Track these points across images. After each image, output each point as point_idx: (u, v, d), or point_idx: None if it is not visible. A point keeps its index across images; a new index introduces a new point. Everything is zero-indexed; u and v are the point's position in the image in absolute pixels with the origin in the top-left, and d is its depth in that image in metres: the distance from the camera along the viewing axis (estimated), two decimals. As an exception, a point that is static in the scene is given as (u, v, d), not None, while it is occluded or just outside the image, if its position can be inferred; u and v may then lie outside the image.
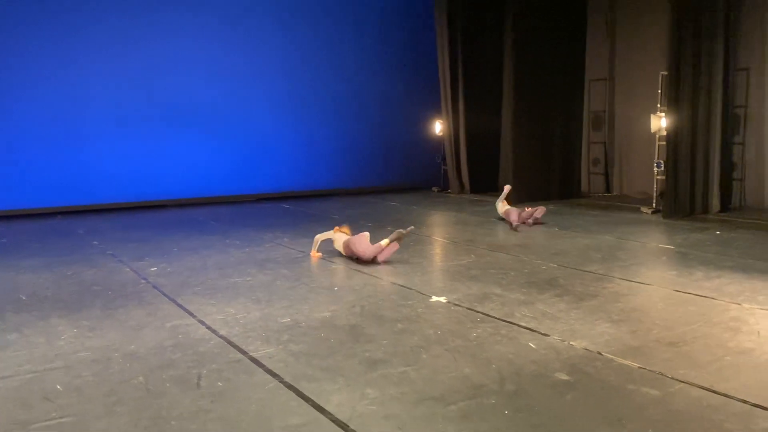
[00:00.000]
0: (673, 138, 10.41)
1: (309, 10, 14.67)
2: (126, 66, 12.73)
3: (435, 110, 15.29)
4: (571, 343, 4.59)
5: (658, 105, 11.03)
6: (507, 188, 10.58)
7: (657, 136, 11.11)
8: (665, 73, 10.73)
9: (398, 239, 7.33)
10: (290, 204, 13.47)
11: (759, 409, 3.46)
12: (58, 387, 3.95)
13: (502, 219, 10.10)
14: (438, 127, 15.25)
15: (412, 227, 7.80)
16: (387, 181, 15.83)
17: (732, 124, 11.31)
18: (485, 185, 14.69)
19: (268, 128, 14.45)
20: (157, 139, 13.22)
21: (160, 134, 13.25)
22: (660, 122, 10.85)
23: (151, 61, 12.95)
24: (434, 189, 15.52)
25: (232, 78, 13.89)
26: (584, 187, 14.25)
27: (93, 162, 12.63)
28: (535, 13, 12.58)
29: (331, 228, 7.98)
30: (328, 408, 3.60)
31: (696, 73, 10.36)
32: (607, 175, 14.39)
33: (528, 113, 12.74)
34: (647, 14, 12.68)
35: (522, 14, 12.56)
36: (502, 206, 10.21)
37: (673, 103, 10.36)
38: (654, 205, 11.15)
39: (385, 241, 7.30)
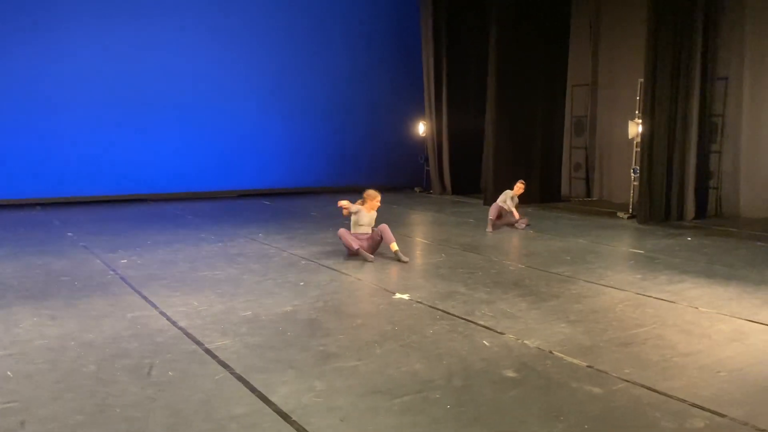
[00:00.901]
0: (648, 144, 10.51)
1: (297, 9, 14.71)
2: (108, 58, 12.73)
3: (419, 111, 15.36)
4: (525, 341, 4.64)
5: (636, 111, 11.13)
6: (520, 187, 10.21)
7: (635, 142, 11.21)
8: (643, 80, 10.82)
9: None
10: (271, 201, 13.49)
11: (696, 408, 3.53)
12: (9, 373, 3.97)
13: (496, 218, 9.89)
14: (421, 128, 15.32)
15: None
16: (370, 181, 15.80)
17: (709, 132, 11.42)
18: (467, 187, 14.80)
19: (252, 125, 14.48)
20: (140, 133, 13.22)
21: (143, 129, 13.26)
22: (637, 128, 10.94)
23: (135, 54, 12.96)
24: (416, 189, 15.59)
25: (217, 73, 13.91)
26: (565, 191, 14.34)
27: (74, 155, 12.63)
28: (519, 18, 12.68)
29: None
30: (273, 399, 3.63)
31: (673, 80, 10.47)
32: (588, 180, 14.48)
33: (510, 117, 12.82)
34: (631, 21, 12.77)
35: (506, 19, 12.65)
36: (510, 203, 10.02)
37: (649, 109, 10.46)
38: (630, 210, 11.24)
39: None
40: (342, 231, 7.57)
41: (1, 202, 11.98)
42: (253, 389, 3.77)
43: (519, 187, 10.15)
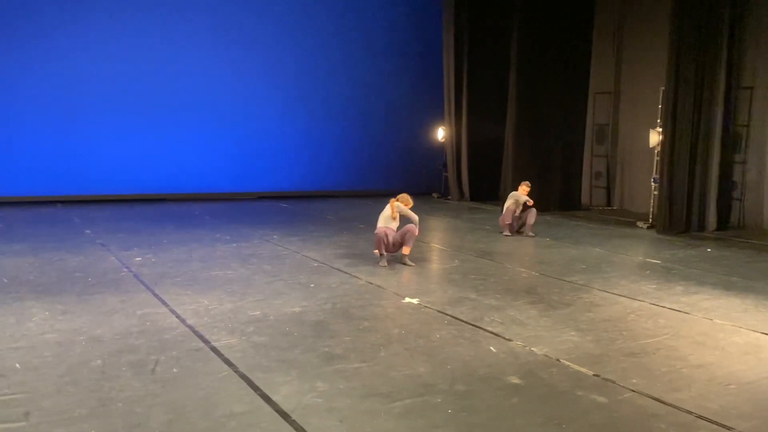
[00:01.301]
0: (669, 153, 10.36)
1: (317, 13, 14.80)
2: (130, 59, 12.91)
3: (438, 116, 15.33)
4: (532, 349, 4.59)
5: (658, 120, 10.98)
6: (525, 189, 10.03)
7: (656, 151, 11.05)
8: (665, 88, 10.68)
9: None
10: (289, 203, 13.55)
11: (702, 421, 3.45)
12: (17, 365, 4.03)
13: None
14: (441, 134, 15.28)
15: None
16: (388, 185, 15.83)
17: (733, 142, 11.23)
18: (485, 193, 14.71)
19: (273, 128, 14.58)
20: (161, 133, 13.39)
21: (164, 129, 13.42)
22: (659, 137, 10.79)
23: (156, 56, 13.13)
24: (434, 195, 15.55)
25: (237, 76, 14.04)
26: (585, 199, 14.19)
27: (96, 153, 12.83)
28: (541, 24, 12.59)
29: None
30: (274, 398, 3.63)
31: (696, 89, 10.30)
32: (608, 189, 14.32)
33: (530, 124, 12.73)
34: (654, 29, 12.62)
35: (528, 25, 12.58)
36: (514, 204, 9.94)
37: (670, 118, 10.31)
38: (650, 219, 11.08)
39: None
40: (378, 231, 7.34)
41: (24, 199, 12.20)
42: (255, 388, 3.77)
43: (524, 189, 9.96)
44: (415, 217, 7.44)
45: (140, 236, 8.90)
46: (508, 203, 9.99)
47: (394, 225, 7.47)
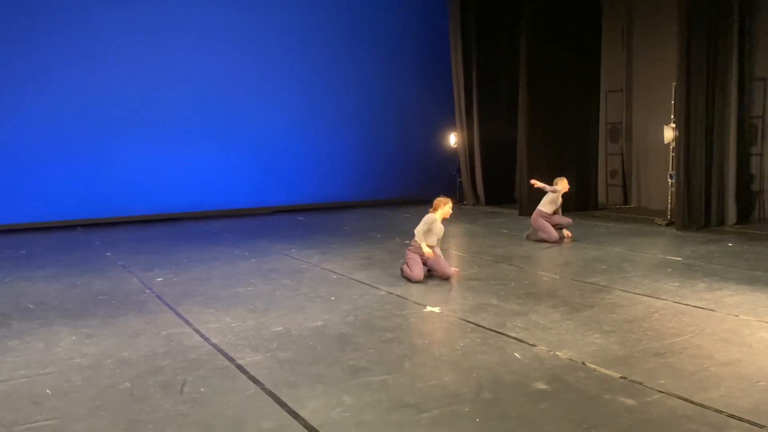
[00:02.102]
0: (685, 149, 10.29)
1: (326, 23, 14.90)
2: (143, 81, 13.05)
3: (450, 122, 15.35)
4: (557, 353, 4.57)
5: (671, 116, 10.91)
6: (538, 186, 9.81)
7: (670, 147, 10.98)
8: (677, 83, 10.62)
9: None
10: (305, 216, 13.62)
11: (734, 420, 3.42)
12: (48, 391, 4.08)
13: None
14: (453, 139, 15.30)
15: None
16: (403, 194, 15.90)
17: (749, 134, 11.13)
18: (500, 197, 14.71)
19: (285, 141, 14.66)
20: (175, 152, 13.51)
21: (178, 148, 13.54)
22: (673, 133, 10.72)
23: (167, 75, 13.26)
24: (450, 201, 15.52)
25: (248, 91, 14.15)
26: (602, 198, 14.10)
27: (112, 175, 12.96)
28: (549, 24, 12.58)
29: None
30: (302, 414, 3.65)
31: (709, 83, 10.25)
32: (624, 187, 14.22)
33: (543, 125, 12.70)
34: (663, 24, 12.56)
35: (536, 26, 12.57)
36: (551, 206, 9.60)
37: (684, 113, 10.25)
38: (668, 216, 11.00)
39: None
40: (411, 258, 7.10)
41: (45, 225, 12.35)
42: (282, 404, 3.80)
43: (563, 185, 9.63)
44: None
45: (160, 256, 8.99)
46: (546, 211, 9.51)
47: (433, 241, 7.21)
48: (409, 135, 15.80)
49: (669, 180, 11.10)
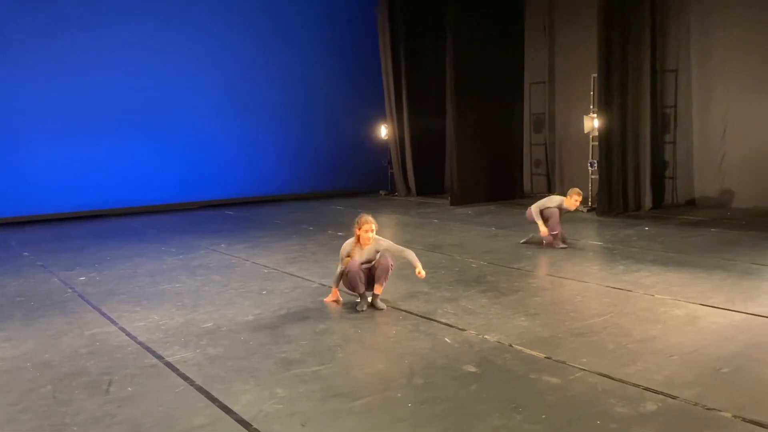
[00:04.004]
0: (604, 138, 10.73)
1: (253, 15, 14.64)
2: (63, 71, 12.48)
3: (381, 114, 15.41)
4: (486, 336, 4.70)
5: (591, 106, 11.35)
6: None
7: (590, 136, 11.42)
8: (596, 75, 11.05)
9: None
10: (234, 211, 13.39)
11: (649, 392, 3.62)
12: (-38, 398, 3.88)
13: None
14: (384, 131, 15.38)
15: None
16: (335, 186, 15.88)
17: (662, 124, 11.71)
18: (431, 188, 14.92)
19: (212, 135, 14.35)
20: (95, 147, 12.99)
21: (99, 142, 13.02)
22: (593, 123, 11.16)
23: (87, 66, 12.73)
24: (382, 192, 15.64)
25: (173, 85, 13.75)
26: (527, 187, 14.53)
27: (28, 172, 12.34)
28: (474, 17, 12.81)
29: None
30: (234, 408, 3.62)
31: (624, 75, 10.72)
32: (548, 176, 14.69)
33: (471, 116, 12.95)
34: (584, 17, 12.99)
35: (462, 18, 12.77)
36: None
37: (603, 104, 10.68)
38: (590, 203, 11.44)
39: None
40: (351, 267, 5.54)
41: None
42: (214, 400, 3.75)
43: (576, 200, 8.23)
44: (410, 253, 5.77)
45: (82, 255, 8.65)
46: (551, 206, 8.18)
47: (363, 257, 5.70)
48: (340, 127, 15.77)
49: (589, 168, 11.55)
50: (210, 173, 14.31)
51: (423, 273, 5.59)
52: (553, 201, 8.34)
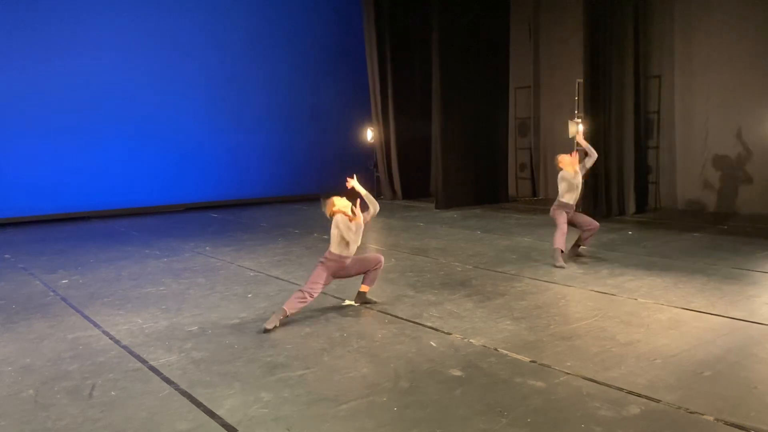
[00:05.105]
0: (588, 143, 10.77)
1: (239, 18, 14.60)
2: (44, 71, 12.35)
3: (367, 117, 15.42)
4: (471, 340, 4.71)
5: (575, 111, 11.44)
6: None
7: (575, 141, 11.49)
8: (581, 80, 11.14)
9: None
10: (219, 213, 13.33)
11: (633, 396, 3.65)
12: (-59, 403, 3.82)
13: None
14: (370, 135, 15.39)
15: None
16: (320, 189, 15.82)
17: (645, 129, 11.83)
18: (417, 191, 14.96)
19: (197, 136, 14.28)
20: (80, 148, 12.88)
21: (83, 143, 12.91)
22: (577, 127, 11.22)
23: (72, 67, 12.61)
24: (367, 196, 15.62)
25: (158, 87, 13.67)
26: (512, 191, 14.60)
27: (9, 172, 12.20)
28: (460, 24, 12.87)
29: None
30: (219, 412, 3.60)
31: (608, 80, 10.81)
32: (533, 180, 14.79)
33: (456, 121, 13.00)
34: (569, 24, 13.14)
35: (447, 25, 12.82)
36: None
37: (588, 109, 10.76)
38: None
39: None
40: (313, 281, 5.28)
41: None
42: (198, 404, 3.72)
43: (573, 157, 7.76)
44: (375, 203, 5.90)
45: (65, 257, 8.56)
46: (562, 200, 7.65)
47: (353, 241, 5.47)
48: (326, 130, 15.75)
49: (574, 172, 11.61)
50: (195, 175, 14.23)
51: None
52: (562, 181, 7.79)
